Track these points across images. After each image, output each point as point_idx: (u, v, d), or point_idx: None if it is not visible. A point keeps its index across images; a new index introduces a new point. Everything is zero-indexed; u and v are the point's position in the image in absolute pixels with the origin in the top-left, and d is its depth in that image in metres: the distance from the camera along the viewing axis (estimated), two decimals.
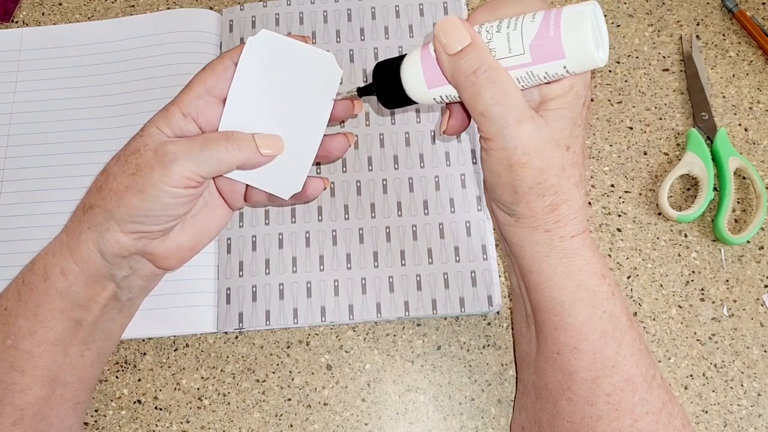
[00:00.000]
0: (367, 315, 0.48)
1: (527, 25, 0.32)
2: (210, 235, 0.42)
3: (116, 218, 0.36)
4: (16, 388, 0.38)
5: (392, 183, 0.51)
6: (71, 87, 0.55)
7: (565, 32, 0.31)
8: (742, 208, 0.51)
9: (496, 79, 0.33)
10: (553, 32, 0.32)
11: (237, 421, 0.46)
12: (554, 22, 0.32)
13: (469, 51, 0.33)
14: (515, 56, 0.33)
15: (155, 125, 0.37)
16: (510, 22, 0.33)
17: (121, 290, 0.40)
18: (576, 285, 0.36)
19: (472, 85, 0.33)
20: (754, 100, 0.54)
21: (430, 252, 0.49)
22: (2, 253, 0.50)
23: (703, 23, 0.56)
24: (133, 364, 0.48)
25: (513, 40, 0.33)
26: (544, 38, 0.32)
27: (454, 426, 0.46)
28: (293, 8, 0.56)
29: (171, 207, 0.36)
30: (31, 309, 0.39)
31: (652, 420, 0.36)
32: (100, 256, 0.38)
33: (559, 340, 0.37)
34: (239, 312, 0.48)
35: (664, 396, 0.37)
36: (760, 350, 0.47)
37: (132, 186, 0.36)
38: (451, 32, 0.33)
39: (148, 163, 0.36)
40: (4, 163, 0.53)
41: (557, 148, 0.34)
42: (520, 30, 0.32)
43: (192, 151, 0.35)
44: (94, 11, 0.59)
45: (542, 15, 0.32)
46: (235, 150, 0.36)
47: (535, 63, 0.33)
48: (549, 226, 0.36)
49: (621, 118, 0.54)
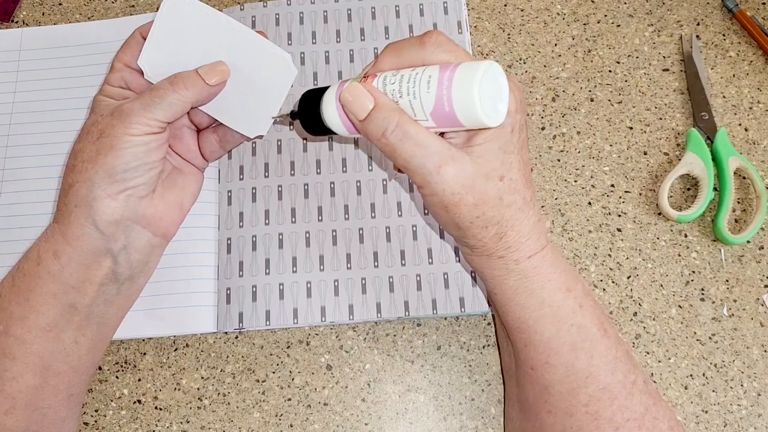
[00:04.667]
0: (367, 315, 0.48)
1: (425, 95, 0.33)
2: (192, 193, 0.46)
3: (98, 184, 0.38)
4: (8, 376, 0.38)
5: (392, 183, 0.51)
6: (71, 87, 0.55)
7: (457, 106, 0.32)
8: (742, 208, 0.51)
9: (407, 134, 0.34)
10: (447, 107, 0.33)
11: (237, 421, 0.46)
12: (446, 94, 0.33)
13: (375, 115, 0.34)
14: (421, 120, 0.34)
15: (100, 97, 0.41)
16: (409, 89, 0.34)
17: (118, 266, 0.40)
18: (539, 303, 0.37)
19: (385, 146, 0.34)
20: (754, 100, 0.54)
21: (430, 252, 0.49)
22: (2, 253, 0.50)
23: (703, 23, 0.56)
24: (133, 364, 0.48)
25: (416, 108, 0.34)
26: (441, 111, 0.33)
27: (454, 426, 0.46)
28: (293, 8, 0.56)
29: (143, 154, 0.39)
30: (24, 294, 0.39)
31: (634, 426, 0.36)
32: (94, 228, 0.39)
33: (530, 356, 0.38)
34: (239, 312, 0.48)
35: (646, 401, 0.37)
36: (760, 350, 0.47)
37: (102, 148, 0.38)
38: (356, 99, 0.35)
39: (109, 123, 0.39)
40: (3, 163, 0.53)
41: (488, 181, 0.35)
42: (419, 100, 0.34)
43: (144, 101, 0.39)
44: (94, 11, 0.59)
45: (436, 83, 0.33)
46: (182, 90, 0.40)
47: (440, 127, 0.34)
48: (501, 252, 0.37)
49: (621, 118, 0.54)
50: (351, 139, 0.52)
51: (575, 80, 0.54)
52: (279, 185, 0.51)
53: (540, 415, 0.38)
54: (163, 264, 0.47)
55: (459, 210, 0.35)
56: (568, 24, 0.56)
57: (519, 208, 0.36)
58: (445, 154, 0.34)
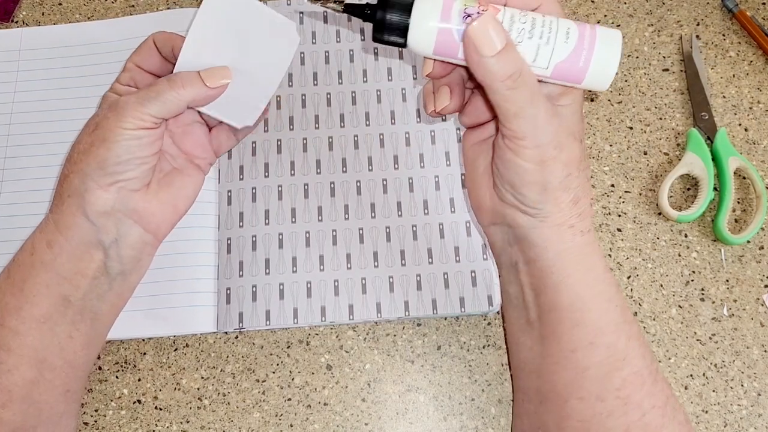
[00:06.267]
0: (367, 315, 0.48)
1: (560, 44, 0.33)
2: (188, 195, 0.44)
3: (90, 175, 0.38)
4: (3, 368, 0.38)
5: (392, 183, 0.51)
6: (71, 87, 0.55)
7: (594, 66, 0.33)
8: (742, 208, 0.51)
9: (528, 82, 0.33)
10: (582, 63, 0.33)
11: (237, 421, 0.46)
12: (587, 51, 0.33)
13: (504, 55, 0.33)
14: (536, 67, 0.34)
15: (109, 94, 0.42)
16: (543, 33, 0.33)
17: (109, 260, 0.40)
18: (596, 279, 0.37)
19: (506, 89, 0.33)
20: (754, 100, 0.54)
21: (430, 252, 0.49)
22: (2, 253, 0.50)
23: (703, 23, 0.56)
24: (133, 364, 0.48)
25: (541, 55, 0.33)
26: (572, 64, 0.33)
27: (454, 426, 0.46)
28: (293, 8, 0.56)
29: (135, 148, 0.39)
30: (18, 284, 0.39)
31: (658, 414, 0.37)
32: (84, 218, 0.39)
33: (575, 337, 0.37)
34: (239, 312, 0.48)
35: (667, 390, 0.38)
36: (760, 350, 0.47)
37: (95, 140, 0.39)
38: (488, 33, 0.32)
39: (104, 116, 0.39)
40: (4, 163, 0.53)
41: (575, 141, 0.35)
42: (552, 47, 0.33)
43: (139, 96, 0.39)
44: (94, 11, 0.59)
45: (576, 37, 0.33)
46: (179, 88, 0.39)
47: (552, 78, 0.34)
48: (573, 221, 0.36)
49: (621, 118, 0.54)
50: (351, 137, 0.52)
51: None
52: (279, 185, 0.51)
53: (569, 403, 0.38)
54: (164, 264, 0.47)
55: (555, 165, 0.34)
56: None
57: (587, 176, 0.37)
58: (550, 108, 0.34)
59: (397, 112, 0.53)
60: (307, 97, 0.54)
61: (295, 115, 0.53)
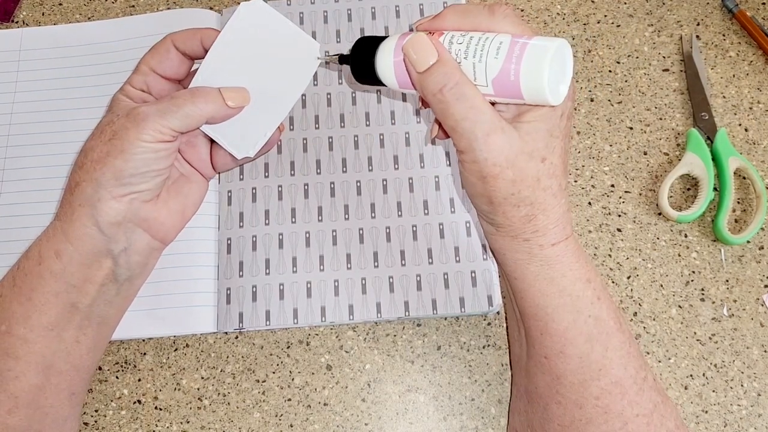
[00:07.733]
0: (367, 315, 0.48)
1: (491, 60, 0.33)
2: (195, 201, 0.45)
3: (104, 185, 0.38)
4: (10, 375, 0.38)
5: (392, 183, 0.51)
6: (71, 87, 0.55)
7: (524, 79, 0.32)
8: (742, 208, 0.51)
9: (464, 95, 0.33)
10: (513, 76, 0.33)
11: (237, 421, 0.46)
12: (515, 65, 0.32)
13: (436, 68, 0.34)
14: (480, 86, 0.34)
15: (121, 97, 0.41)
16: (477, 51, 0.34)
17: (118, 267, 0.40)
18: (558, 291, 0.37)
19: (439, 102, 0.34)
20: (754, 100, 0.54)
21: (430, 252, 0.49)
22: (2, 254, 0.50)
23: (703, 23, 0.56)
24: (133, 364, 0.48)
25: (478, 72, 0.34)
26: (505, 79, 0.33)
27: (454, 426, 0.46)
28: (293, 8, 0.56)
29: (152, 161, 0.39)
30: (26, 293, 0.39)
31: (642, 422, 0.36)
32: (96, 229, 0.39)
33: (545, 344, 0.37)
34: (239, 312, 0.48)
35: (655, 398, 0.37)
36: (760, 350, 0.47)
37: (112, 150, 0.38)
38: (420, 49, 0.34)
39: (123, 126, 0.38)
40: (4, 163, 0.53)
41: (531, 160, 0.34)
42: (485, 64, 0.33)
43: (160, 108, 0.38)
44: (94, 11, 0.59)
45: (506, 52, 0.33)
46: (201, 103, 0.39)
47: (497, 96, 0.34)
48: (527, 235, 0.36)
49: (621, 118, 0.54)
50: (351, 137, 0.52)
51: (575, 80, 0.54)
52: (279, 185, 0.51)
53: (549, 406, 0.38)
54: (164, 264, 0.47)
55: (496, 183, 0.34)
56: (568, 24, 0.56)
57: (553, 193, 0.36)
58: (495, 124, 0.34)
59: (397, 112, 0.53)
60: (307, 97, 0.54)
61: (295, 115, 0.53)
